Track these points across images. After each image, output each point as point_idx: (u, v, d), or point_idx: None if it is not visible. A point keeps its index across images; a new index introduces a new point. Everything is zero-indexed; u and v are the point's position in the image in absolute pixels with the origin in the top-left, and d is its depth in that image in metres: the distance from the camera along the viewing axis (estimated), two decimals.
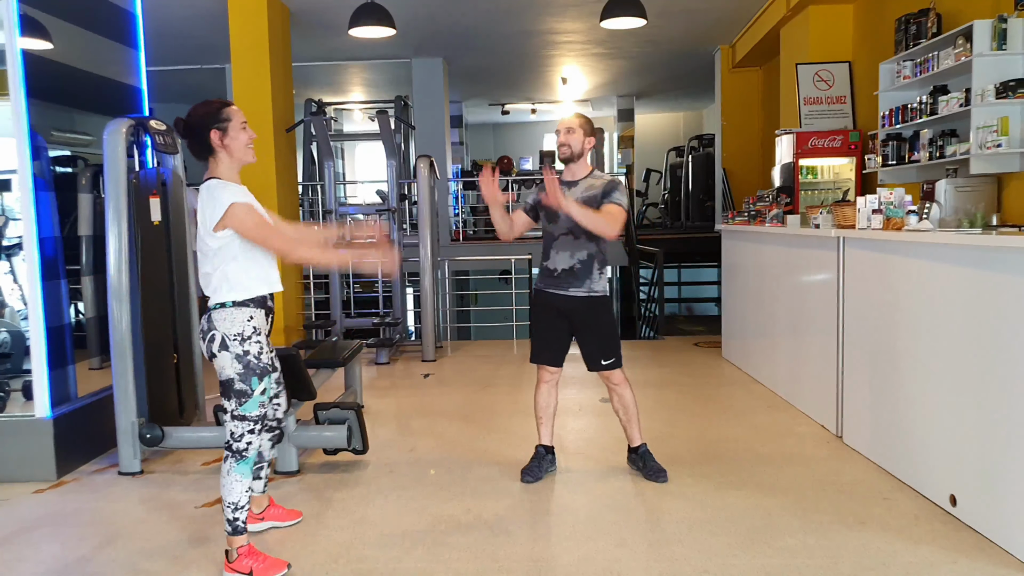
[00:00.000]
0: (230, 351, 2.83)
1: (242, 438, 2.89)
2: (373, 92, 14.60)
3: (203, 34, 9.49)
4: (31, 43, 4.17)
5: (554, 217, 3.79)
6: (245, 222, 2.78)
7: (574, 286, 3.82)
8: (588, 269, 3.81)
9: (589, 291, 3.83)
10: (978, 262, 3.16)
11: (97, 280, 4.60)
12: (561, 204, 3.51)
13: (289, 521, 3.42)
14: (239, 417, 2.88)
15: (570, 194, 3.75)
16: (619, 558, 3.02)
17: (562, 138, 3.83)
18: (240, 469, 2.89)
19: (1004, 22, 4.90)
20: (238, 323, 2.83)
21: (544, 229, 3.91)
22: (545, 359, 3.95)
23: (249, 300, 2.86)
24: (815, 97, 7.86)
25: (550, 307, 3.90)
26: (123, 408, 4.12)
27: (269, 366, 2.92)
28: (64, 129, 4.66)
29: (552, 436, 4.10)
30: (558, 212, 3.67)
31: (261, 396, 2.90)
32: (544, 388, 4.01)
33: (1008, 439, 2.98)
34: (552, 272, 3.86)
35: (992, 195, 5.25)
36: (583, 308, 3.84)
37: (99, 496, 3.88)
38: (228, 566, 2.89)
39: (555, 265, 3.84)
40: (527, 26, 9.73)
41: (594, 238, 3.77)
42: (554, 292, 3.86)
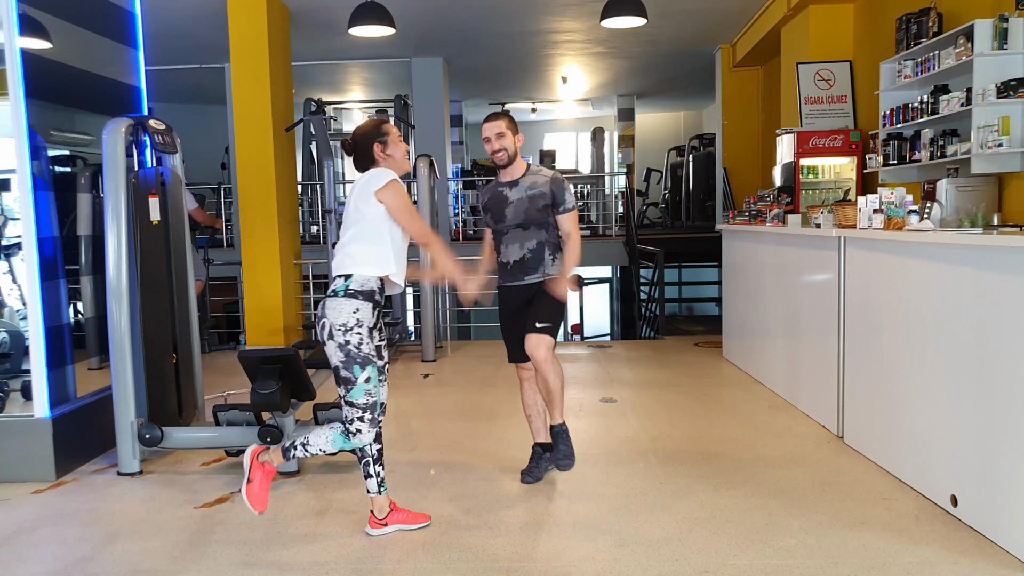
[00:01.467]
0: (335, 340, 3.02)
1: (353, 422, 3.09)
2: (373, 91, 14.59)
3: (202, 33, 9.48)
4: (30, 42, 4.16)
5: (500, 217, 3.84)
6: (399, 199, 3.06)
7: (528, 275, 3.84)
8: (539, 256, 3.83)
9: (544, 275, 3.83)
10: (979, 262, 3.15)
11: (96, 280, 4.59)
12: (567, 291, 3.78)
13: (417, 524, 3.37)
14: (348, 403, 3.08)
15: (514, 193, 3.83)
16: (619, 558, 3.02)
17: (495, 144, 3.81)
18: (337, 439, 3.12)
19: (1005, 21, 4.89)
20: (345, 314, 3.02)
21: (493, 230, 3.94)
22: (519, 357, 3.90)
23: (359, 292, 3.04)
24: (816, 96, 7.85)
25: (511, 301, 3.92)
26: (122, 408, 4.11)
27: (371, 355, 3.07)
28: (63, 129, 4.65)
29: (547, 433, 3.99)
30: (504, 211, 3.82)
31: (366, 384, 3.05)
32: (527, 386, 4.00)
33: (1008, 439, 2.97)
34: (506, 266, 3.89)
35: (993, 195, 5.24)
36: (539, 290, 3.82)
37: (98, 496, 3.88)
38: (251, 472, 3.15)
39: (507, 258, 3.88)
40: (527, 25, 9.72)
41: (542, 226, 3.83)
42: (511, 285, 3.90)
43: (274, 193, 7.77)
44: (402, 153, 3.23)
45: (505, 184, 3.87)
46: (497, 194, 3.88)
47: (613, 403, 5.49)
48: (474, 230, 14.27)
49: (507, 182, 3.87)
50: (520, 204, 3.79)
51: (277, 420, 4.02)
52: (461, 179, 14.13)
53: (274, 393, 3.84)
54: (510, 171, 3.87)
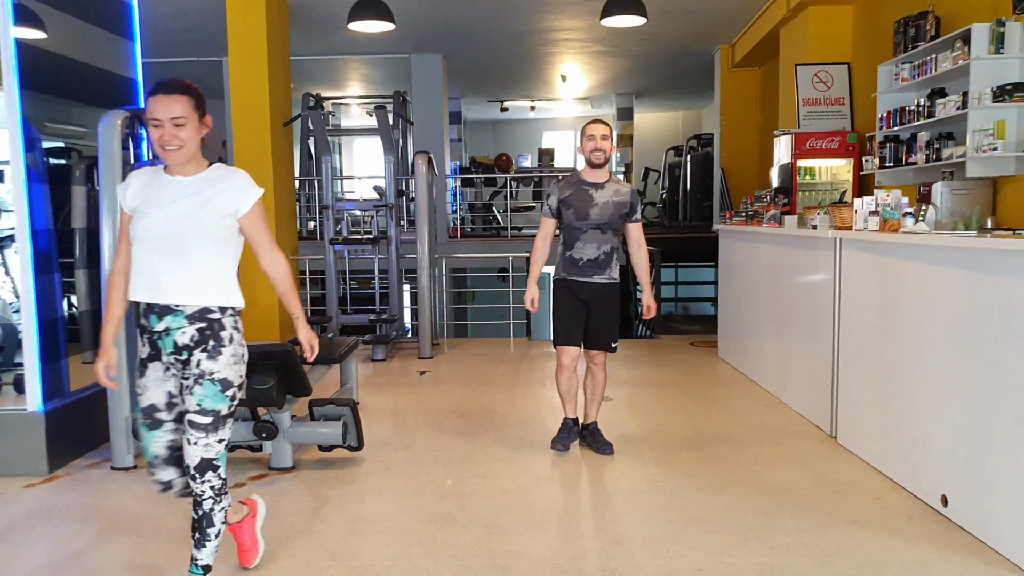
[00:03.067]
0: None
1: None
2: (372, 87, 14.57)
3: (200, 26, 9.45)
4: (25, 33, 4.14)
5: (584, 215, 4.11)
6: None
7: (598, 274, 4.18)
8: (610, 259, 4.20)
9: (609, 278, 4.21)
10: (973, 265, 3.16)
11: (91, 273, 4.58)
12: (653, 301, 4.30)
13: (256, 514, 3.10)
14: None
15: (600, 195, 4.14)
16: (615, 555, 3.02)
17: (600, 144, 4.10)
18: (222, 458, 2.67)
19: (1002, 26, 4.90)
20: None
21: (570, 225, 4.17)
22: (568, 340, 4.20)
23: None
24: (814, 98, 7.86)
25: (571, 294, 4.20)
26: (116, 402, 4.10)
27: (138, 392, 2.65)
28: (58, 120, 4.63)
29: (576, 409, 4.38)
30: (589, 209, 4.12)
31: None
32: (566, 373, 4.26)
33: (999, 440, 2.98)
34: (577, 261, 4.17)
35: (987, 198, 5.26)
36: (602, 293, 4.18)
37: (92, 491, 3.87)
38: None
39: (581, 255, 4.15)
40: (527, 23, 9.71)
41: (617, 232, 4.21)
42: (577, 280, 4.18)
43: (271, 188, 7.75)
44: None
45: (591, 184, 4.17)
46: (582, 192, 4.16)
47: (609, 401, 5.49)
48: (472, 228, 14.27)
49: (593, 183, 4.17)
50: (606, 207, 4.12)
51: (272, 416, 4.02)
52: (459, 176, 14.12)
53: (270, 389, 3.83)
54: (597, 174, 4.18)
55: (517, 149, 18.12)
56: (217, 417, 2.55)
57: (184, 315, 2.50)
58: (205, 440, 2.55)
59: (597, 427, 4.39)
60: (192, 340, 2.51)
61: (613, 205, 4.13)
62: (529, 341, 8.43)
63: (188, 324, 2.51)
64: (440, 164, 11.00)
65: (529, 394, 5.85)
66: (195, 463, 2.56)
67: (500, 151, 16.45)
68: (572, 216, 4.14)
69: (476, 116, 18.27)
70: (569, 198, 4.15)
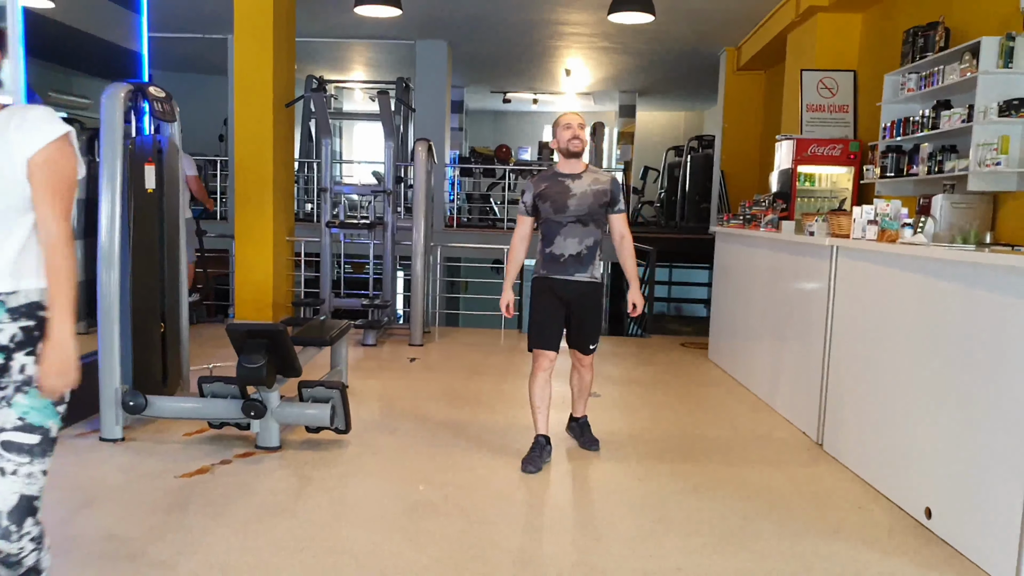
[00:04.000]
0: None
1: None
2: (375, 72, 14.52)
3: (207, 3, 9.39)
4: (32, 1, 4.11)
5: (562, 207, 3.91)
6: None
7: (579, 271, 3.96)
8: (592, 255, 3.98)
9: (591, 276, 4.00)
10: (969, 279, 3.17)
11: (87, 244, 4.56)
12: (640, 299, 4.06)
13: None
14: None
15: (577, 185, 3.94)
16: (594, 552, 3.03)
17: (577, 132, 3.94)
18: None
19: (1012, 40, 4.90)
20: None
21: (548, 219, 3.97)
22: (545, 344, 3.98)
23: None
24: (818, 104, 7.85)
25: (551, 293, 3.99)
26: (107, 374, 4.10)
27: None
28: (62, 90, 4.61)
29: (547, 426, 4.10)
30: (567, 201, 3.89)
31: None
32: (541, 377, 4.01)
33: (986, 455, 3.00)
34: (558, 258, 3.95)
35: (987, 213, 5.27)
36: (584, 292, 4.00)
37: (79, 461, 3.86)
38: None
39: (562, 251, 3.94)
40: (534, 14, 9.68)
41: (600, 225, 3.98)
42: (557, 278, 3.97)
43: (271, 168, 7.73)
44: None
45: (567, 175, 3.98)
46: (558, 183, 3.96)
47: (596, 398, 5.50)
48: (468, 218, 14.25)
49: (569, 174, 3.98)
50: (584, 198, 3.92)
51: (262, 395, 4.02)
52: (458, 165, 14.10)
53: (260, 368, 3.84)
54: (572, 165, 4.00)
55: (517, 141, 18.09)
56: (46, 437, 1.97)
57: (5, 308, 1.90)
58: (28, 468, 1.92)
59: (587, 421, 4.36)
60: (13, 340, 1.91)
61: (592, 194, 3.90)
62: (520, 333, 8.44)
63: (10, 320, 1.90)
64: (440, 152, 10.98)
65: (517, 386, 5.85)
66: (10, 505, 1.89)
67: (500, 142, 16.43)
68: (550, 209, 3.92)
69: (478, 106, 18.22)
70: (545, 191, 3.93)
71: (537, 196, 3.98)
